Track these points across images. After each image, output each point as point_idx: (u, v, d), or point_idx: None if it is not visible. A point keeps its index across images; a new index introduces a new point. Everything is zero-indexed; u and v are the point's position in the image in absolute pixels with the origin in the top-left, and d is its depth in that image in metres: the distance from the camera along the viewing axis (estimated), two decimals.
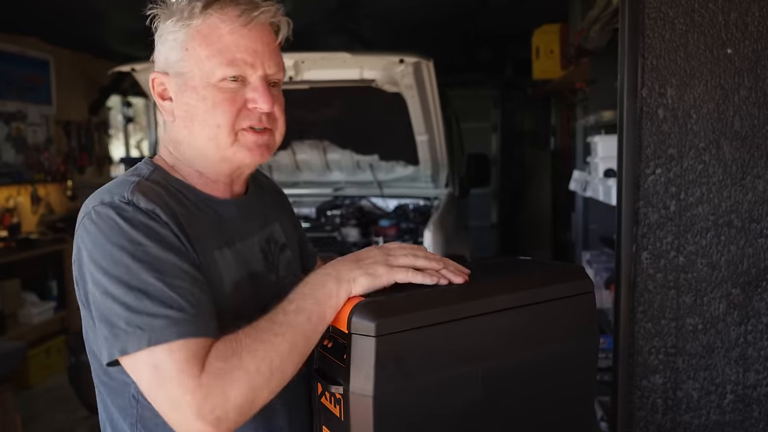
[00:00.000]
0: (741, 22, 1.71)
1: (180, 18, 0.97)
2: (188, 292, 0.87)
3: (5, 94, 4.77)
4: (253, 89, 0.99)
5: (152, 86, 1.02)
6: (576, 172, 3.34)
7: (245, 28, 0.97)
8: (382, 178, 3.87)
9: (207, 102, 0.97)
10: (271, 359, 0.87)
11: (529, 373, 1.02)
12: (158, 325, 0.84)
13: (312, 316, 0.91)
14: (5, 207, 4.79)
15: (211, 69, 0.96)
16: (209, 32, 0.96)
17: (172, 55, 0.99)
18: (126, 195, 0.92)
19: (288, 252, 1.17)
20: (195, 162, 1.03)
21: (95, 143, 5.88)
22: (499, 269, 1.16)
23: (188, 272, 0.89)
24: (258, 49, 0.98)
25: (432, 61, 2.92)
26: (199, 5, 0.96)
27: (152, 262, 0.87)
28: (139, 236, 0.88)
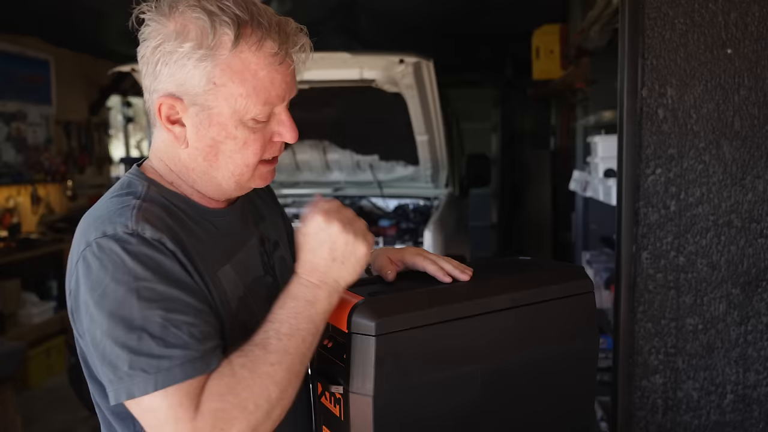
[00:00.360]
0: (741, 22, 1.71)
1: (201, 45, 0.86)
2: (194, 329, 0.83)
3: (5, 94, 4.77)
4: (279, 123, 0.95)
5: (157, 110, 0.92)
6: (576, 172, 3.35)
7: (281, 65, 0.90)
8: (382, 178, 3.87)
9: (238, 141, 0.92)
10: (270, 392, 0.83)
11: (528, 373, 1.02)
12: (164, 366, 0.80)
13: (307, 336, 0.88)
14: (5, 207, 4.80)
15: (245, 108, 0.90)
16: (242, 68, 0.88)
17: (192, 84, 0.88)
18: (130, 225, 0.84)
19: (280, 250, 1.14)
20: (204, 188, 0.97)
21: (95, 143, 5.88)
22: (499, 269, 1.16)
23: (193, 306, 0.85)
24: (289, 81, 0.93)
25: (432, 61, 2.92)
26: (230, 35, 0.86)
27: (154, 298, 0.82)
28: (145, 272, 0.82)
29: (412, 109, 3.18)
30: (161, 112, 0.92)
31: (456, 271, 1.04)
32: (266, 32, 0.88)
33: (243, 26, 0.87)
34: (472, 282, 1.03)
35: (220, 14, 0.86)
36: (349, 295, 0.95)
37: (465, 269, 1.05)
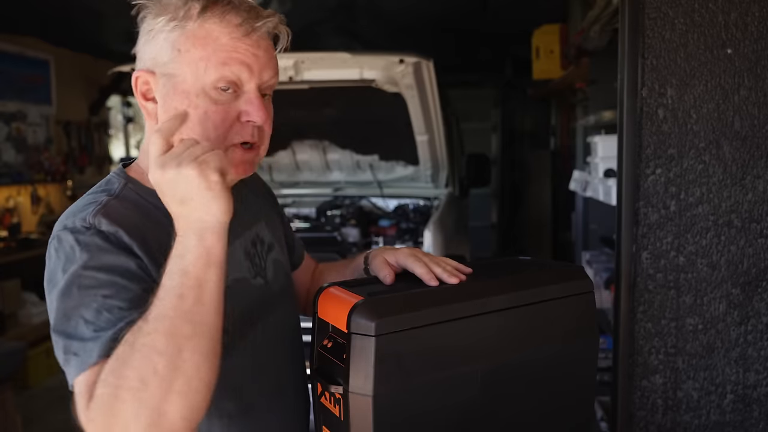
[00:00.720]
0: (741, 22, 1.71)
1: (174, 17, 0.90)
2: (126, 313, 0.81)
3: (5, 94, 4.77)
4: (247, 101, 0.93)
5: (135, 85, 0.96)
6: (576, 172, 3.34)
7: (246, 37, 0.91)
8: (382, 178, 3.87)
9: (198, 110, 0.91)
10: (154, 363, 0.74)
11: (528, 373, 1.02)
12: (89, 348, 0.80)
13: (185, 291, 0.78)
14: (5, 207, 4.80)
15: (203, 70, 0.90)
16: (206, 35, 0.90)
17: (162, 54, 0.92)
18: (88, 218, 0.87)
19: (275, 252, 1.13)
20: None
21: (95, 143, 5.89)
22: (498, 269, 1.16)
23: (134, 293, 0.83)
24: (257, 54, 0.92)
25: (432, 61, 2.92)
26: (197, 7, 0.90)
27: (93, 286, 0.83)
28: (90, 261, 0.84)
29: (412, 109, 3.18)
30: (138, 87, 0.95)
31: (444, 274, 1.01)
32: (234, 7, 0.91)
33: (212, 3, 0.90)
34: (472, 282, 1.03)
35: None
36: (348, 295, 0.95)
37: (455, 273, 1.02)
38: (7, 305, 4.30)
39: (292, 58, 2.91)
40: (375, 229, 3.39)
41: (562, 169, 5.61)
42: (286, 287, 1.16)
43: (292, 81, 3.02)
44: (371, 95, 3.16)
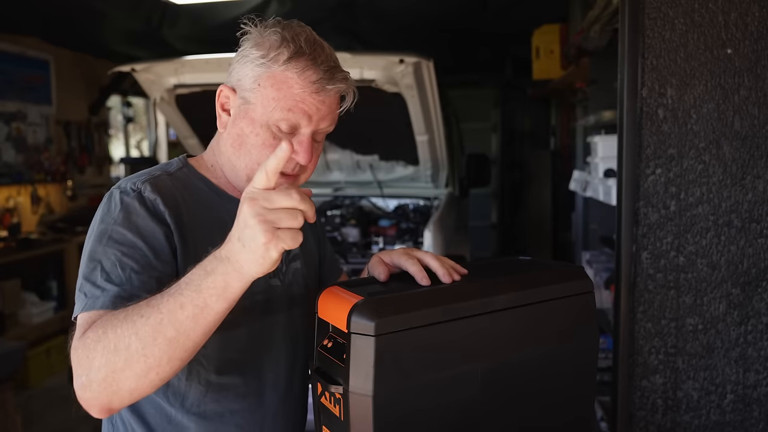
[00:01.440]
0: (741, 22, 1.71)
1: (265, 56, 1.04)
2: (135, 275, 0.96)
3: (5, 94, 4.77)
4: (298, 142, 1.05)
5: (217, 96, 1.11)
6: (576, 172, 3.35)
7: (316, 93, 1.03)
8: (382, 178, 3.87)
9: (258, 139, 1.05)
10: (130, 341, 0.84)
11: (528, 373, 1.02)
12: (95, 294, 0.94)
13: (186, 303, 0.84)
14: (5, 207, 4.80)
15: (272, 109, 1.03)
16: (284, 81, 1.03)
17: (245, 81, 1.06)
18: (137, 184, 1.04)
19: (298, 262, 1.22)
20: (228, 173, 1.13)
21: (95, 143, 5.89)
22: (498, 269, 1.16)
23: (148, 259, 0.98)
24: (321, 109, 1.05)
25: (432, 61, 2.92)
26: (285, 56, 1.02)
27: (120, 241, 0.98)
28: (123, 220, 1.00)
29: (412, 109, 3.18)
30: (219, 98, 1.11)
31: (440, 270, 1.01)
32: (315, 66, 1.04)
33: (300, 54, 1.03)
34: (472, 282, 1.03)
35: (290, 41, 1.04)
36: (349, 295, 0.95)
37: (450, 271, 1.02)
38: (7, 305, 4.30)
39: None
40: (375, 229, 3.39)
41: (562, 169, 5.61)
42: (301, 296, 1.21)
43: None
44: (371, 95, 3.16)
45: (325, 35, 1.13)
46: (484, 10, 4.47)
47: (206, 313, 0.85)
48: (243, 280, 0.85)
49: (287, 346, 1.17)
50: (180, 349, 0.85)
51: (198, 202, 1.09)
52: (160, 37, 4.54)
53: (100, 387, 0.85)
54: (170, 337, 0.84)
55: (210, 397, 1.07)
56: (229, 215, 1.02)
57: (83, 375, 0.86)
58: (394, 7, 4.32)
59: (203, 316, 0.85)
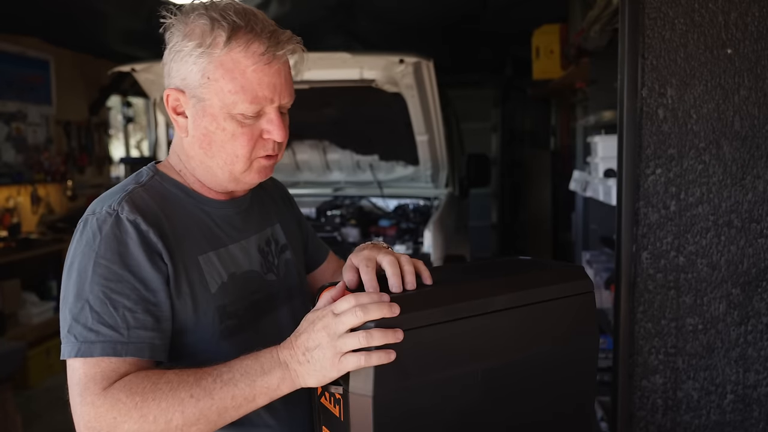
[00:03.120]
0: (741, 22, 1.71)
1: (201, 44, 0.97)
2: (128, 312, 0.92)
3: (5, 94, 4.77)
4: (268, 121, 1.02)
5: (166, 101, 1.04)
6: (576, 172, 3.34)
7: (267, 66, 0.98)
8: (382, 178, 3.87)
9: (227, 132, 1.00)
10: (173, 416, 0.87)
11: (528, 373, 1.02)
12: (89, 339, 0.90)
13: (238, 395, 0.89)
14: (5, 207, 4.80)
15: (233, 102, 0.98)
16: (233, 67, 0.97)
17: (191, 78, 1.00)
18: (113, 205, 0.97)
19: (288, 253, 1.20)
20: (202, 176, 1.07)
21: (95, 143, 5.88)
22: (499, 269, 1.16)
23: (139, 293, 0.93)
24: (277, 83, 1.00)
25: (432, 61, 2.92)
26: (223, 37, 0.96)
27: (106, 276, 0.92)
28: (107, 252, 0.93)
29: (412, 109, 3.18)
30: (169, 103, 1.04)
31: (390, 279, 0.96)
32: (257, 35, 0.98)
33: (237, 30, 0.97)
34: (472, 282, 1.03)
35: (221, 20, 0.96)
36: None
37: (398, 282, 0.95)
38: (7, 305, 4.30)
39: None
40: (375, 229, 3.39)
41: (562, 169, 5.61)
42: (298, 285, 1.21)
43: None
44: (371, 95, 3.16)
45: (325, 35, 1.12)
46: (484, 10, 4.47)
47: (251, 406, 0.90)
48: (294, 387, 0.90)
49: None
50: (211, 427, 0.90)
51: (178, 211, 1.04)
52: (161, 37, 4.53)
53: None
54: (213, 420, 0.89)
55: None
56: (209, 218, 1.07)
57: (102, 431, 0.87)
58: (394, 7, 4.32)
59: (247, 407, 0.90)
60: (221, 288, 1.03)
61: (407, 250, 3.03)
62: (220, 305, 1.02)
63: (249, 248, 1.11)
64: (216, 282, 1.03)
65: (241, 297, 1.06)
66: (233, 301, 1.04)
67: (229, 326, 1.03)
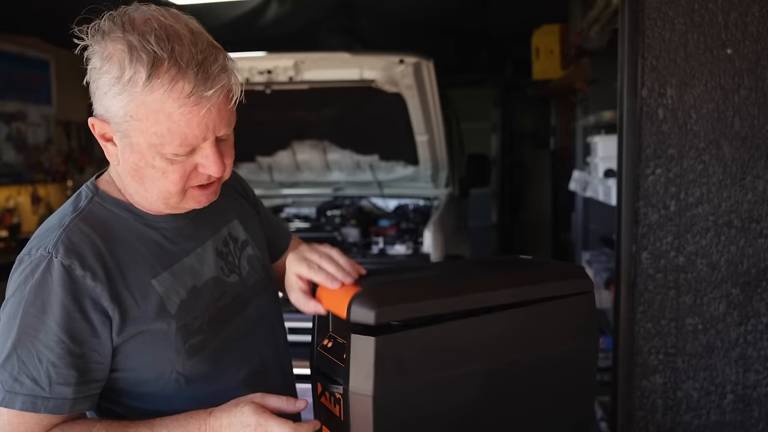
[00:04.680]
0: (741, 22, 1.71)
1: (120, 78, 0.86)
2: (52, 367, 0.90)
3: (5, 94, 4.77)
4: (204, 156, 0.93)
5: (92, 129, 0.95)
6: (576, 172, 3.35)
7: (196, 107, 0.87)
8: (382, 178, 3.87)
9: (157, 170, 0.93)
10: None
11: (528, 373, 1.02)
12: (14, 389, 0.89)
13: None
14: (5, 207, 4.80)
15: (160, 145, 0.89)
16: (157, 108, 0.87)
17: (113, 112, 0.90)
18: (48, 247, 0.92)
19: (249, 248, 1.16)
20: (138, 200, 1.00)
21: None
22: (498, 268, 1.16)
23: (67, 348, 0.90)
24: (209, 120, 0.89)
25: (432, 61, 2.92)
26: (143, 74, 0.85)
27: (34, 326, 0.89)
28: (36, 301, 0.90)
29: (412, 109, 3.18)
30: (95, 131, 0.95)
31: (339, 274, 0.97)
32: (182, 72, 0.86)
33: (158, 65, 0.85)
34: (472, 281, 1.03)
35: (139, 49, 0.85)
36: (348, 286, 0.95)
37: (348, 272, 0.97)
38: None
39: (293, 58, 2.91)
40: (375, 229, 3.39)
41: (562, 169, 5.61)
42: (264, 278, 1.18)
43: (292, 81, 3.02)
44: (371, 95, 3.16)
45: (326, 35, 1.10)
46: (484, 10, 4.48)
47: None
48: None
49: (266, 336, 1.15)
50: None
51: (123, 236, 0.98)
52: None
53: None
54: None
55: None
56: (159, 234, 1.01)
57: None
58: (394, 7, 4.33)
59: None
60: (181, 307, 0.99)
61: (407, 250, 3.03)
62: (182, 325, 0.98)
63: (205, 255, 1.06)
64: (175, 302, 0.98)
65: (205, 309, 1.02)
66: (196, 316, 1.01)
67: (193, 344, 1.00)
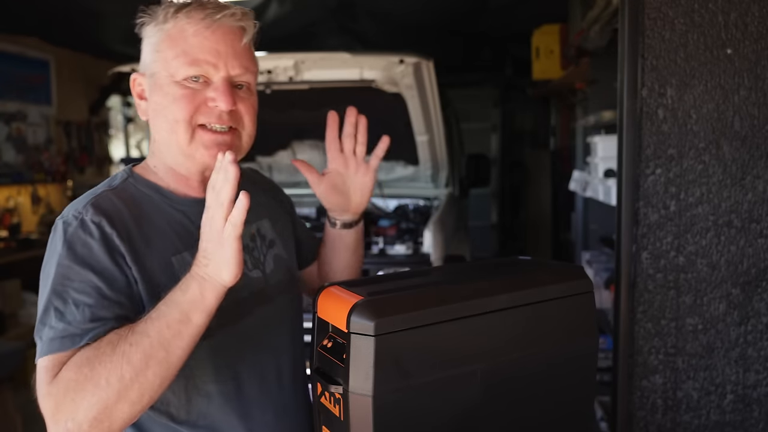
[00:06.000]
0: (741, 22, 1.71)
1: (156, 23, 1.03)
2: (87, 308, 0.92)
3: (5, 94, 4.77)
4: (214, 89, 1.02)
5: (132, 86, 1.09)
6: (576, 172, 3.35)
7: (208, 30, 1.01)
8: (382, 178, 3.86)
9: (168, 98, 1.02)
10: (123, 371, 0.85)
11: (528, 373, 1.02)
12: (49, 337, 0.91)
13: (171, 324, 0.89)
14: (5, 207, 4.80)
15: (175, 68, 1.01)
16: (177, 34, 1.01)
17: (147, 57, 1.05)
18: (79, 209, 0.98)
19: (276, 248, 1.19)
20: (165, 157, 1.08)
21: (95, 143, 5.88)
22: (498, 269, 1.16)
23: (98, 289, 0.93)
24: (221, 50, 1.02)
25: (432, 61, 2.92)
26: (171, 10, 1.02)
27: (69, 277, 0.93)
28: (69, 253, 0.94)
29: (412, 109, 3.18)
30: (134, 89, 1.09)
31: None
32: (200, 5, 1.03)
33: (184, 6, 1.02)
34: (471, 282, 1.03)
35: (176, 1, 1.03)
36: (348, 294, 0.95)
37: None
38: (7, 305, 4.30)
39: (293, 58, 2.91)
40: (375, 229, 3.39)
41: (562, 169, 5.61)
42: (287, 281, 1.20)
43: (292, 81, 3.02)
44: (371, 95, 3.15)
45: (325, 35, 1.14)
46: (484, 10, 4.47)
47: (189, 328, 0.90)
48: (217, 290, 0.91)
49: (282, 337, 1.15)
50: (170, 368, 0.89)
51: (150, 213, 1.04)
52: None
53: (92, 426, 0.85)
54: (161, 358, 0.87)
55: (215, 406, 1.04)
56: (186, 217, 1.06)
57: (68, 420, 0.85)
58: (394, 7, 4.33)
59: (187, 331, 0.89)
60: None
61: (407, 250, 3.02)
62: None
63: None
64: None
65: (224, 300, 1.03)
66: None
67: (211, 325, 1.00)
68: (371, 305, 0.91)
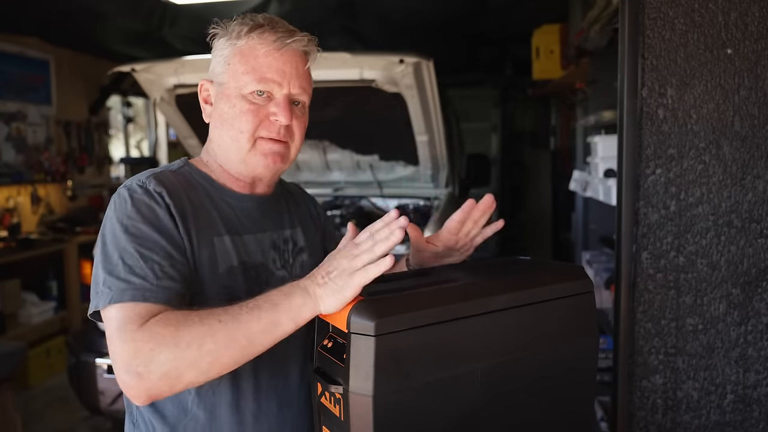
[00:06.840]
0: (741, 22, 1.71)
1: (229, 38, 1.15)
2: (157, 265, 1.01)
3: (5, 94, 4.77)
4: (275, 104, 1.14)
5: (200, 91, 1.21)
6: (576, 172, 3.35)
7: (278, 52, 1.13)
8: (382, 178, 3.87)
9: (235, 109, 1.13)
10: (204, 342, 0.92)
11: (528, 373, 1.02)
12: (122, 287, 0.98)
13: (263, 318, 0.94)
14: (5, 207, 4.80)
15: (244, 83, 1.12)
16: (248, 52, 1.13)
17: (217, 67, 1.16)
18: (143, 180, 1.09)
19: (305, 255, 1.27)
20: (220, 158, 1.19)
21: (95, 143, 5.88)
22: (498, 269, 1.16)
23: (166, 250, 1.03)
24: (286, 70, 1.14)
25: (432, 61, 2.92)
26: (245, 29, 1.13)
27: (137, 235, 1.02)
28: (137, 215, 1.04)
29: (412, 109, 3.18)
30: (201, 93, 1.21)
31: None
32: (273, 28, 1.14)
33: (257, 26, 1.14)
34: (472, 282, 1.03)
35: (250, 19, 1.15)
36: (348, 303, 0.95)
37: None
38: (7, 305, 4.30)
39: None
40: None
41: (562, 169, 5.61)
42: None
43: None
44: (371, 95, 3.15)
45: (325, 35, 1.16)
46: (484, 10, 4.47)
47: (276, 330, 0.95)
48: (315, 311, 0.96)
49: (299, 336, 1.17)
50: (244, 357, 0.95)
51: (200, 196, 1.14)
52: (160, 37, 4.54)
53: (160, 379, 0.92)
54: (243, 344, 0.94)
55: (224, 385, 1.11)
56: (230, 207, 1.17)
57: (140, 365, 0.91)
58: (394, 7, 4.33)
59: (273, 332, 0.95)
60: (229, 270, 1.11)
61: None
62: (226, 285, 1.10)
63: (263, 242, 1.19)
64: (225, 264, 1.11)
65: (249, 287, 1.12)
66: (239, 287, 1.11)
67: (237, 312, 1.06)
68: (371, 305, 0.91)
